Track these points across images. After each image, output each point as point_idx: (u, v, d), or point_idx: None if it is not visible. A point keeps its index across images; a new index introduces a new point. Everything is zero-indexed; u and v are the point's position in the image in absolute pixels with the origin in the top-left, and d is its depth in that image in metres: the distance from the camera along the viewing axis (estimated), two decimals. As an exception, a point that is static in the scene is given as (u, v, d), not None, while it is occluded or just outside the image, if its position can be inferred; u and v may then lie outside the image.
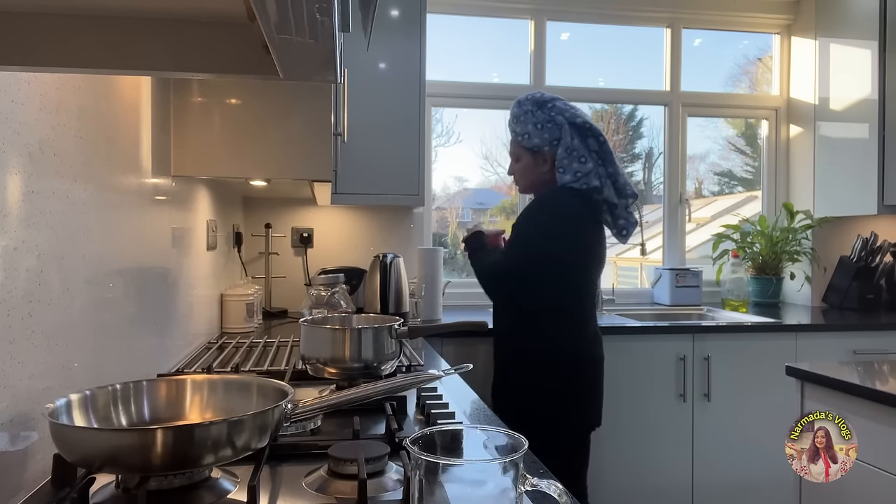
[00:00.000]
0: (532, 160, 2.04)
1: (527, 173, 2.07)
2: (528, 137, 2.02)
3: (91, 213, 1.08)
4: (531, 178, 2.07)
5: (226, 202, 2.45)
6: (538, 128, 1.99)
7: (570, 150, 1.96)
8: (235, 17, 0.71)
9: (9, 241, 0.82)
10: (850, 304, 3.15)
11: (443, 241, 3.37)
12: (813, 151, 3.27)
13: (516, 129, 2.05)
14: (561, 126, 1.98)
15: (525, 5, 3.19)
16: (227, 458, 0.77)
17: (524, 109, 2.03)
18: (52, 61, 0.73)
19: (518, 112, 2.05)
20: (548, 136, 1.99)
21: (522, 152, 2.05)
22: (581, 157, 1.96)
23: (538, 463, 1.00)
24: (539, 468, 0.97)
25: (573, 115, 2.00)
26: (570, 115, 1.99)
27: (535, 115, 2.00)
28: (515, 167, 2.10)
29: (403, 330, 1.36)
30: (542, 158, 2.02)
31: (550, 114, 1.99)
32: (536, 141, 2.00)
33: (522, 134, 2.03)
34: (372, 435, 1.05)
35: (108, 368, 1.15)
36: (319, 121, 1.72)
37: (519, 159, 2.07)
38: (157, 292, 1.51)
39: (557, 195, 1.97)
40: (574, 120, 1.99)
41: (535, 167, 2.04)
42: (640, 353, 2.52)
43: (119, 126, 1.26)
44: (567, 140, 1.96)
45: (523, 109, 2.03)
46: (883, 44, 2.88)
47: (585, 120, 2.00)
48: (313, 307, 2.30)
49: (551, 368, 1.92)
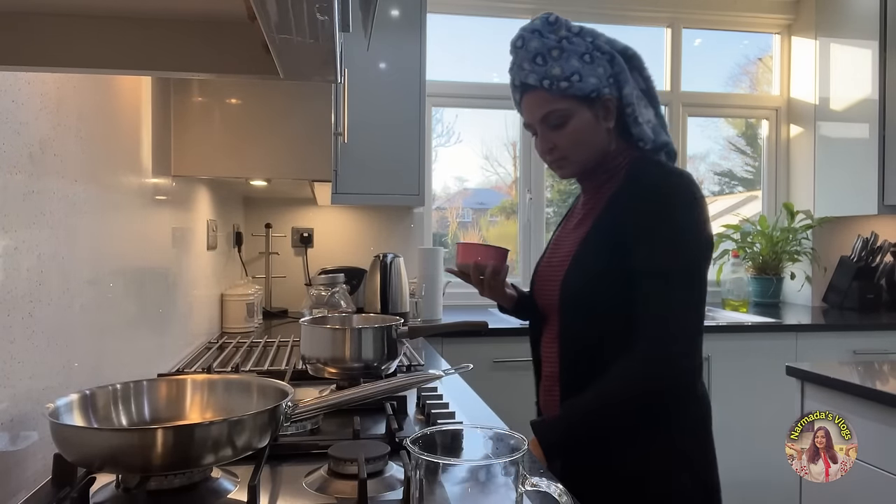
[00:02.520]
0: (592, 114, 1.20)
1: (587, 139, 1.21)
2: (581, 78, 1.18)
3: (91, 213, 1.08)
4: (596, 145, 1.22)
5: (226, 202, 2.45)
6: (587, 61, 1.19)
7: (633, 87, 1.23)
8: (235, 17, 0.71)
9: (9, 241, 0.82)
10: (851, 304, 3.14)
11: (443, 241, 3.37)
12: (813, 151, 3.27)
13: (552, 73, 1.18)
14: (610, 55, 1.22)
15: (525, 5, 3.19)
16: (227, 458, 0.77)
17: (555, 38, 1.20)
18: (52, 61, 0.73)
19: (545, 46, 1.19)
20: (603, 72, 1.20)
21: (573, 106, 1.19)
22: (640, 98, 1.25)
23: (538, 463, 1.00)
24: (539, 468, 0.97)
25: (610, 40, 1.26)
26: (607, 40, 1.25)
27: (575, 43, 1.20)
28: (560, 136, 1.21)
29: (404, 330, 1.36)
30: (603, 108, 1.21)
31: (587, 39, 1.22)
32: (593, 81, 1.18)
33: (569, 76, 1.17)
34: (372, 435, 1.05)
35: (109, 368, 1.15)
36: (320, 121, 1.72)
37: (567, 120, 1.19)
38: (158, 292, 1.51)
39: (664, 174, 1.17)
40: (615, 45, 1.25)
41: (598, 125, 1.21)
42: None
43: (119, 126, 1.26)
44: (627, 74, 1.22)
45: (553, 39, 1.20)
46: (883, 44, 2.88)
47: (626, 45, 1.27)
48: (313, 307, 2.30)
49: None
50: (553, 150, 1.23)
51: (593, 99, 1.19)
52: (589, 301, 1.18)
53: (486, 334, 2.38)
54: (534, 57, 1.19)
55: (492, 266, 1.28)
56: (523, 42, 1.21)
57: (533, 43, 1.19)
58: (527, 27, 1.22)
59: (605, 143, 1.23)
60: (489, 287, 1.31)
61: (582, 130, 1.20)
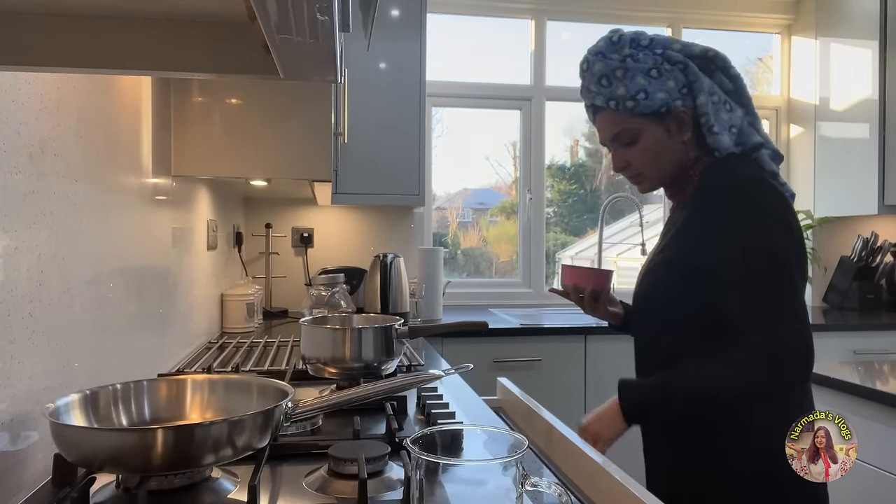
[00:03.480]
0: (664, 129, 1.21)
1: (660, 154, 1.22)
2: (647, 96, 1.18)
3: (91, 213, 1.08)
4: (671, 159, 1.23)
5: (226, 202, 2.45)
6: (654, 76, 1.18)
7: (710, 93, 1.20)
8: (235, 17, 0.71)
9: (9, 241, 0.82)
10: (851, 304, 3.14)
11: (443, 241, 3.37)
12: (813, 151, 3.27)
13: (617, 94, 1.20)
14: (683, 63, 1.20)
15: (525, 5, 3.19)
16: (227, 458, 0.77)
17: (619, 58, 1.20)
18: (52, 61, 0.73)
19: (608, 67, 1.20)
20: (674, 84, 1.19)
21: (642, 123, 1.21)
22: (724, 102, 1.21)
23: (539, 463, 1.00)
24: (540, 468, 0.97)
25: (685, 45, 1.23)
26: (682, 45, 1.23)
27: (641, 60, 1.19)
28: (633, 153, 1.24)
29: (404, 330, 1.36)
30: (675, 121, 1.20)
31: (656, 51, 1.20)
32: (661, 96, 1.18)
33: (634, 94, 1.18)
34: (372, 435, 1.05)
35: (109, 368, 1.15)
36: (320, 121, 1.71)
37: (637, 138, 1.22)
38: (158, 292, 1.51)
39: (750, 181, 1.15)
40: (691, 50, 1.22)
41: (671, 139, 1.21)
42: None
43: (119, 126, 1.26)
44: (702, 81, 1.19)
45: (616, 59, 1.20)
46: (883, 44, 2.88)
47: (705, 47, 1.23)
48: (314, 307, 2.30)
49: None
50: (627, 167, 1.27)
51: (663, 114, 1.19)
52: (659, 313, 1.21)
53: (486, 334, 2.38)
54: (599, 79, 1.22)
55: (590, 289, 1.35)
56: (588, 65, 1.24)
57: (597, 65, 1.22)
58: (591, 49, 1.25)
59: (682, 155, 1.23)
60: (590, 307, 1.38)
61: (653, 147, 1.22)
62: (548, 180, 3.37)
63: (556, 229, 3.52)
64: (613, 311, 1.40)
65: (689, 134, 1.21)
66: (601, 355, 2.53)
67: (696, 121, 1.20)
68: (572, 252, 3.61)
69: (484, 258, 3.49)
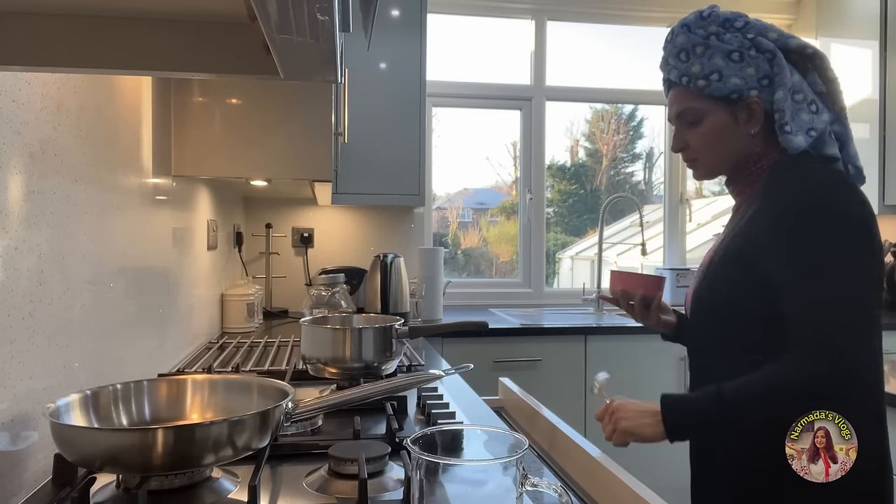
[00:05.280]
0: (730, 116, 1.14)
1: (720, 140, 1.16)
2: (721, 78, 1.12)
3: (92, 212, 1.08)
4: (731, 149, 1.17)
5: (226, 202, 2.45)
6: (735, 59, 1.11)
7: (793, 91, 1.12)
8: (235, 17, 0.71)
9: (9, 241, 0.82)
10: (851, 304, 3.14)
11: (443, 241, 3.37)
12: (813, 151, 3.27)
13: (691, 71, 1.14)
14: (772, 53, 1.12)
15: (525, 5, 3.19)
16: (227, 458, 0.77)
17: (703, 34, 1.14)
18: (52, 61, 0.73)
19: (690, 42, 1.14)
20: (754, 72, 1.12)
21: (709, 106, 1.15)
22: (811, 102, 1.13)
23: (539, 462, 1.00)
24: (540, 468, 0.97)
25: (783, 35, 1.15)
26: (779, 35, 1.14)
27: (725, 40, 1.12)
28: (694, 134, 1.18)
29: (404, 330, 1.36)
30: (746, 111, 1.14)
31: (747, 35, 1.13)
32: (736, 81, 1.12)
33: (707, 74, 1.13)
34: (372, 435, 1.05)
35: (109, 368, 1.15)
36: (320, 121, 1.72)
37: (701, 119, 1.16)
38: (158, 292, 1.51)
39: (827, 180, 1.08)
40: (787, 42, 1.14)
41: (737, 128, 1.15)
42: (641, 353, 2.52)
43: (120, 126, 1.26)
44: (787, 75, 1.11)
45: (700, 35, 1.14)
46: (884, 44, 2.88)
47: (802, 42, 1.15)
48: (314, 307, 2.31)
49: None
50: (685, 148, 1.21)
51: (734, 100, 1.13)
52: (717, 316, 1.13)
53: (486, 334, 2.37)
54: (678, 52, 1.16)
55: (640, 295, 1.28)
56: (672, 36, 1.17)
57: (679, 38, 1.15)
58: (681, 20, 1.17)
59: (744, 148, 1.16)
60: (640, 315, 1.30)
61: (715, 132, 1.16)
62: (548, 180, 3.37)
63: (556, 229, 3.52)
64: (666, 319, 1.32)
65: (759, 127, 1.13)
66: (601, 355, 2.53)
67: (770, 116, 1.12)
68: (572, 252, 3.61)
69: (484, 258, 3.50)
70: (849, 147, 1.15)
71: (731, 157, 1.17)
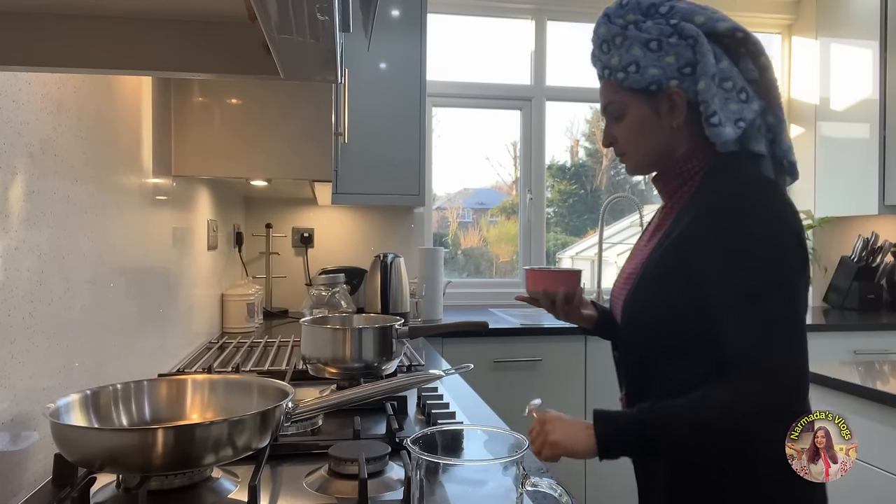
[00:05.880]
0: (651, 109, 1.09)
1: (644, 134, 1.11)
2: (638, 69, 1.07)
3: (92, 213, 1.08)
4: (654, 143, 1.12)
5: (226, 202, 2.45)
6: (654, 49, 1.06)
7: (720, 78, 1.05)
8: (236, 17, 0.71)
9: (10, 241, 0.82)
10: (851, 305, 3.14)
11: (443, 241, 3.37)
12: (814, 151, 3.27)
13: (611, 63, 1.10)
14: (694, 38, 1.05)
15: (525, 5, 3.19)
16: (227, 458, 0.77)
17: (622, 23, 1.08)
18: (52, 61, 0.73)
19: (609, 32, 1.09)
20: (674, 61, 1.06)
21: (630, 99, 1.10)
22: (740, 90, 1.06)
23: (539, 462, 1.00)
24: (540, 468, 0.97)
25: (711, 18, 1.07)
26: (707, 19, 1.07)
27: (644, 29, 1.06)
28: (619, 128, 1.13)
29: (404, 330, 1.36)
30: (667, 103, 1.08)
31: (670, 21, 1.06)
32: (654, 72, 1.06)
33: (625, 66, 1.08)
34: (372, 435, 1.05)
35: (109, 368, 1.15)
36: (320, 121, 1.72)
37: (624, 114, 1.12)
38: (158, 292, 1.51)
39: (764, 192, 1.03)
40: (715, 26, 1.07)
41: (659, 121, 1.09)
42: (640, 353, 2.52)
43: (120, 126, 1.26)
44: (710, 62, 1.04)
45: (618, 25, 1.08)
46: (884, 44, 2.88)
47: (733, 25, 1.08)
48: (314, 307, 2.30)
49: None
50: (613, 142, 1.16)
51: (653, 92, 1.07)
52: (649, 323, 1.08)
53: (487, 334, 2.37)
54: (601, 44, 1.12)
55: (562, 293, 1.22)
56: (596, 28, 1.13)
57: (601, 29, 1.11)
58: (604, 10, 1.13)
59: (669, 142, 1.10)
60: (563, 313, 1.24)
61: (637, 125, 1.11)
62: (548, 180, 3.37)
63: (556, 229, 3.52)
64: (587, 314, 1.26)
65: (682, 119, 1.08)
66: (601, 355, 2.53)
67: (695, 107, 1.06)
68: (572, 252, 3.61)
69: (484, 258, 3.50)
70: (781, 139, 1.10)
71: (657, 152, 1.12)
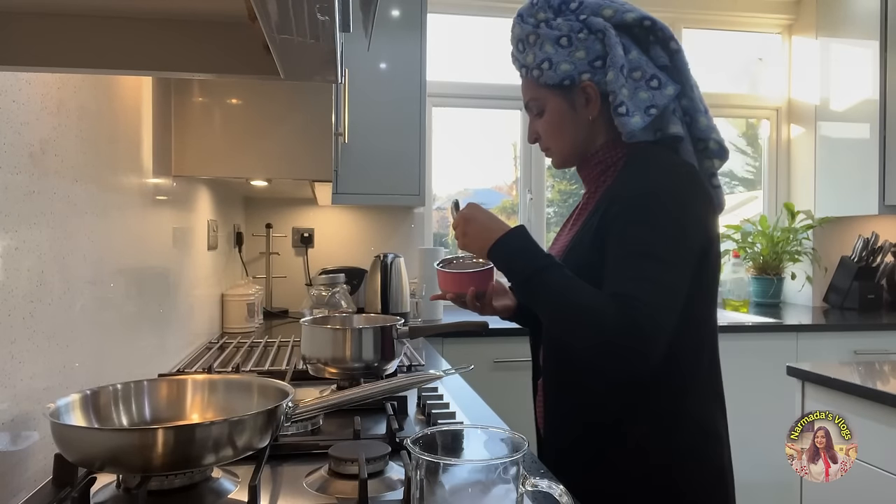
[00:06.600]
0: (567, 103, 1.13)
1: (564, 128, 1.15)
2: (551, 65, 1.10)
3: (92, 212, 1.08)
4: (574, 136, 1.16)
5: (226, 202, 2.45)
6: (564, 45, 1.10)
7: (629, 68, 1.09)
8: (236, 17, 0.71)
9: (10, 241, 0.82)
10: (851, 305, 3.14)
11: (443, 241, 3.37)
12: (814, 151, 3.27)
13: (527, 61, 1.14)
14: (603, 32, 1.09)
15: (526, 5, 3.19)
16: (227, 458, 0.77)
17: (534, 22, 1.12)
18: (52, 61, 0.73)
19: (522, 31, 1.14)
20: (584, 55, 1.09)
21: (547, 95, 1.14)
22: (650, 78, 1.09)
23: (539, 463, 1.00)
24: (540, 468, 0.97)
25: (619, 10, 1.11)
26: (615, 12, 1.11)
27: (554, 26, 1.10)
28: (541, 125, 1.18)
29: (404, 330, 1.36)
30: (582, 96, 1.12)
31: (579, 17, 1.10)
32: (566, 67, 1.10)
33: (539, 63, 1.11)
34: (373, 435, 1.05)
35: (109, 368, 1.15)
36: (320, 121, 1.72)
37: (543, 110, 1.16)
38: (158, 292, 1.51)
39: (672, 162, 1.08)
40: (623, 17, 1.11)
41: (576, 115, 1.14)
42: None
43: (120, 126, 1.26)
44: (618, 54, 1.08)
45: (531, 24, 1.12)
46: (884, 44, 2.87)
47: (640, 14, 1.12)
48: (314, 307, 2.30)
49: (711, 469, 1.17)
50: (537, 139, 1.21)
51: (567, 87, 1.12)
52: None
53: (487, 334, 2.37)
54: (517, 43, 1.16)
55: (471, 292, 1.21)
56: (511, 27, 1.17)
57: (516, 29, 1.16)
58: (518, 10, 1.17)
59: (588, 134, 1.15)
60: (474, 309, 1.26)
61: (556, 120, 1.15)
62: (548, 180, 3.37)
63: (556, 229, 3.52)
64: (503, 304, 1.27)
65: (597, 112, 1.12)
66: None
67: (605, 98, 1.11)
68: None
69: (484, 258, 3.49)
70: (697, 119, 1.13)
71: (578, 143, 1.16)
